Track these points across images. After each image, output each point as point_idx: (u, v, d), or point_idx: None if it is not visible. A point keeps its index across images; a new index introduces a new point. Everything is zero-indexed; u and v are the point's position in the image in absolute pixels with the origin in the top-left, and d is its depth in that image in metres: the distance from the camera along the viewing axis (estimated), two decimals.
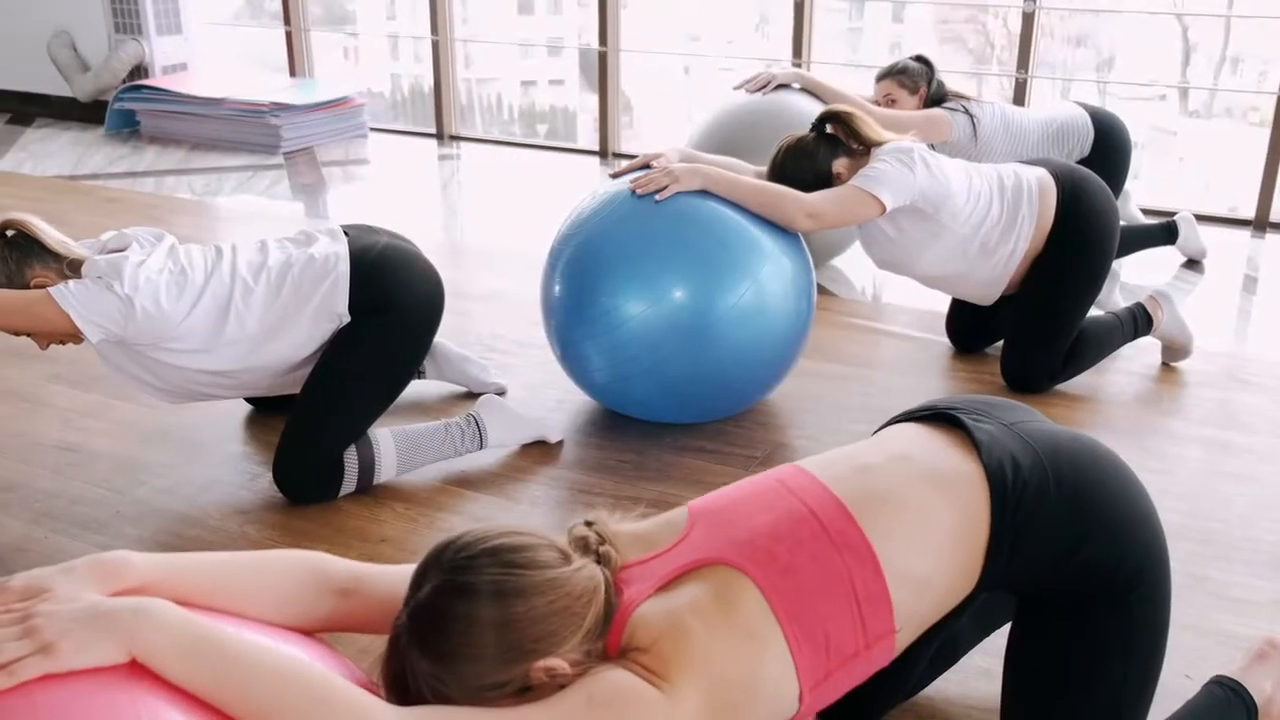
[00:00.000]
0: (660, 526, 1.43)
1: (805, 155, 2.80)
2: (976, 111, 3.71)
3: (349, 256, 2.44)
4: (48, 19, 6.51)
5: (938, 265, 2.91)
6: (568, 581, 1.24)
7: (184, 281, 2.33)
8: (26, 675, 1.01)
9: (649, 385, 2.65)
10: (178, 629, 1.09)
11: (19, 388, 3.05)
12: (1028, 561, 1.43)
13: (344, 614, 1.32)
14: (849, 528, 1.38)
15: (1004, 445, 1.48)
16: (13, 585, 1.13)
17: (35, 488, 2.54)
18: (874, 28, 8.86)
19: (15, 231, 2.32)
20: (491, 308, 3.63)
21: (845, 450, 1.54)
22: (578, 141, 6.41)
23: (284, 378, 2.50)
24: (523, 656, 1.20)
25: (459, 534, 1.28)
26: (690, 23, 8.54)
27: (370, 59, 8.09)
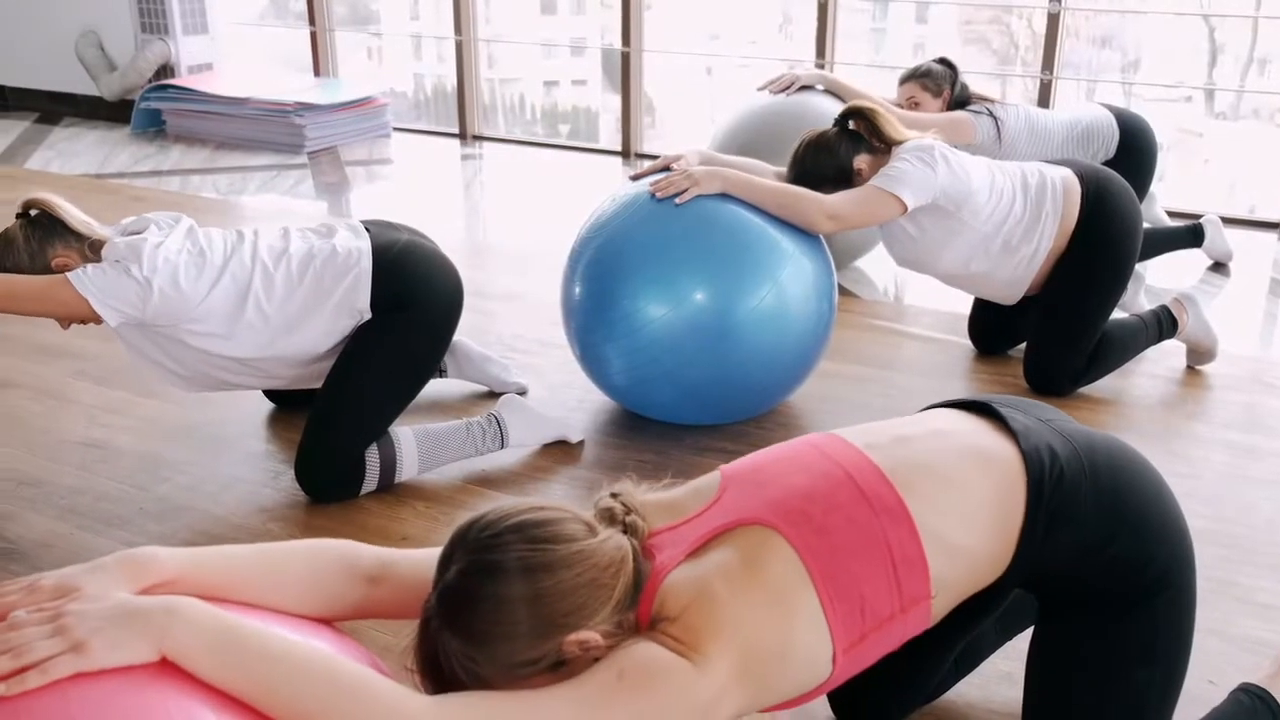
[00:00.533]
0: (690, 492, 1.42)
1: (826, 150, 2.79)
2: (1001, 114, 3.69)
3: (371, 253, 2.45)
4: (75, 19, 6.56)
5: (959, 263, 2.90)
6: (595, 553, 1.24)
7: (203, 263, 2.33)
8: (59, 674, 1.02)
9: (669, 388, 2.65)
10: (207, 627, 1.09)
11: (45, 384, 3.08)
12: (1059, 549, 1.42)
13: (374, 601, 1.32)
14: (885, 491, 1.36)
15: (1041, 436, 1.47)
16: (44, 584, 1.13)
17: (60, 484, 2.56)
18: (897, 28, 8.83)
19: (39, 211, 2.33)
20: (513, 307, 3.63)
21: (882, 423, 1.53)
22: (600, 142, 6.41)
23: (304, 370, 2.51)
24: (554, 631, 1.20)
25: (482, 513, 1.27)
26: (712, 23, 8.53)
27: (393, 59, 8.12)
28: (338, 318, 2.42)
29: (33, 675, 1.01)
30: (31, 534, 2.36)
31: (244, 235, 2.44)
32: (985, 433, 1.48)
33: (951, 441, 1.46)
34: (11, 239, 2.31)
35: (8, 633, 1.05)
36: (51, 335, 3.41)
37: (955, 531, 1.37)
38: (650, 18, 5.70)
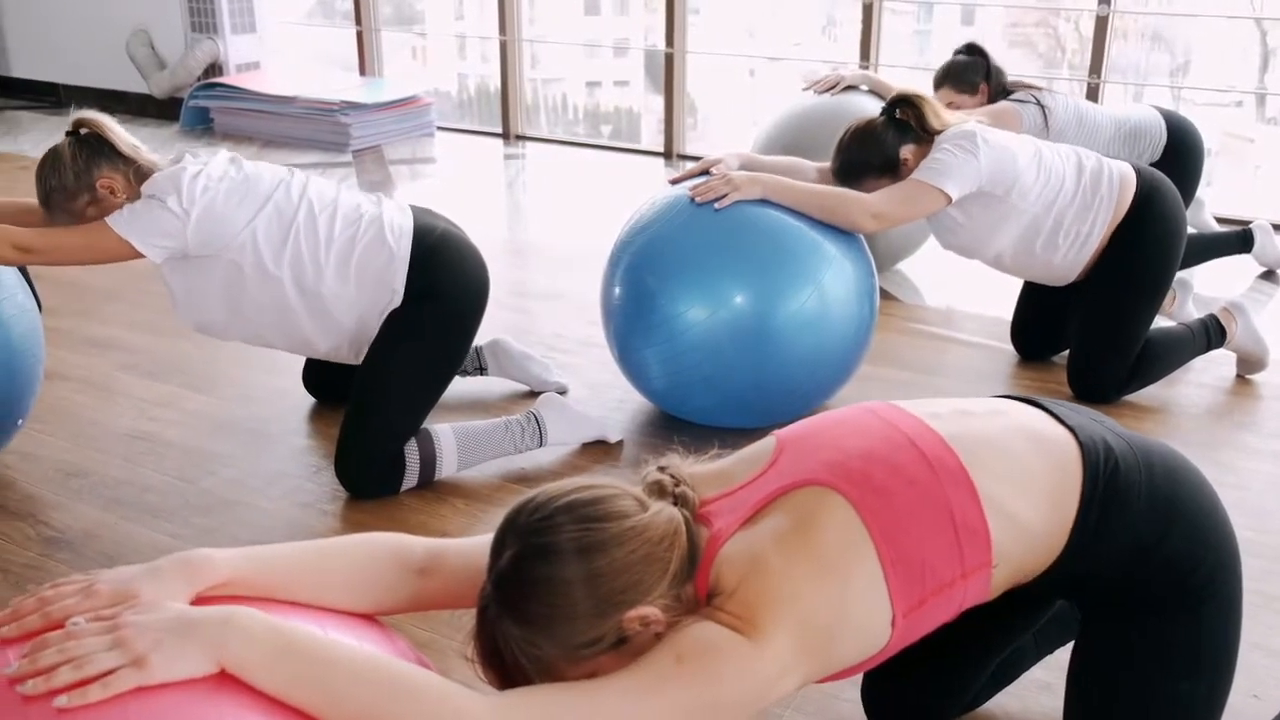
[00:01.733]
0: (742, 460, 1.41)
1: (873, 139, 2.76)
2: (1048, 102, 3.58)
3: (412, 233, 2.45)
4: (127, 18, 6.66)
5: (1011, 246, 2.86)
6: (647, 527, 1.23)
7: (246, 190, 2.33)
8: (120, 688, 1.01)
9: (709, 392, 2.65)
10: (264, 638, 1.09)
11: (94, 376, 3.13)
12: (1111, 541, 1.40)
13: (425, 593, 1.32)
14: (948, 456, 1.35)
15: (1096, 430, 1.46)
16: (100, 589, 1.13)
17: (107, 475, 2.60)
18: (943, 30, 8.77)
19: (88, 130, 2.35)
20: (554, 306, 3.65)
21: (942, 399, 1.51)
22: (641, 142, 6.42)
23: (331, 339, 2.49)
24: (613, 609, 1.19)
25: (531, 495, 1.26)
26: (756, 25, 8.52)
27: (438, 58, 8.17)
28: (370, 289, 2.41)
29: (94, 689, 1.01)
30: (79, 524, 2.40)
31: (294, 172, 2.44)
32: (1044, 419, 1.47)
33: (1011, 421, 1.44)
34: (59, 155, 2.32)
35: (67, 641, 1.05)
36: (100, 328, 3.47)
37: (1015, 503, 1.35)
38: (693, 19, 5.70)
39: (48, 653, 1.04)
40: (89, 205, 2.34)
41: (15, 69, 7.29)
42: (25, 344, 2.48)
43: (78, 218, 2.35)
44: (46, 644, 1.05)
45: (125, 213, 2.27)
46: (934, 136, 2.76)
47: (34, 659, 1.03)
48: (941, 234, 2.94)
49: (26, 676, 1.02)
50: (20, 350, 2.45)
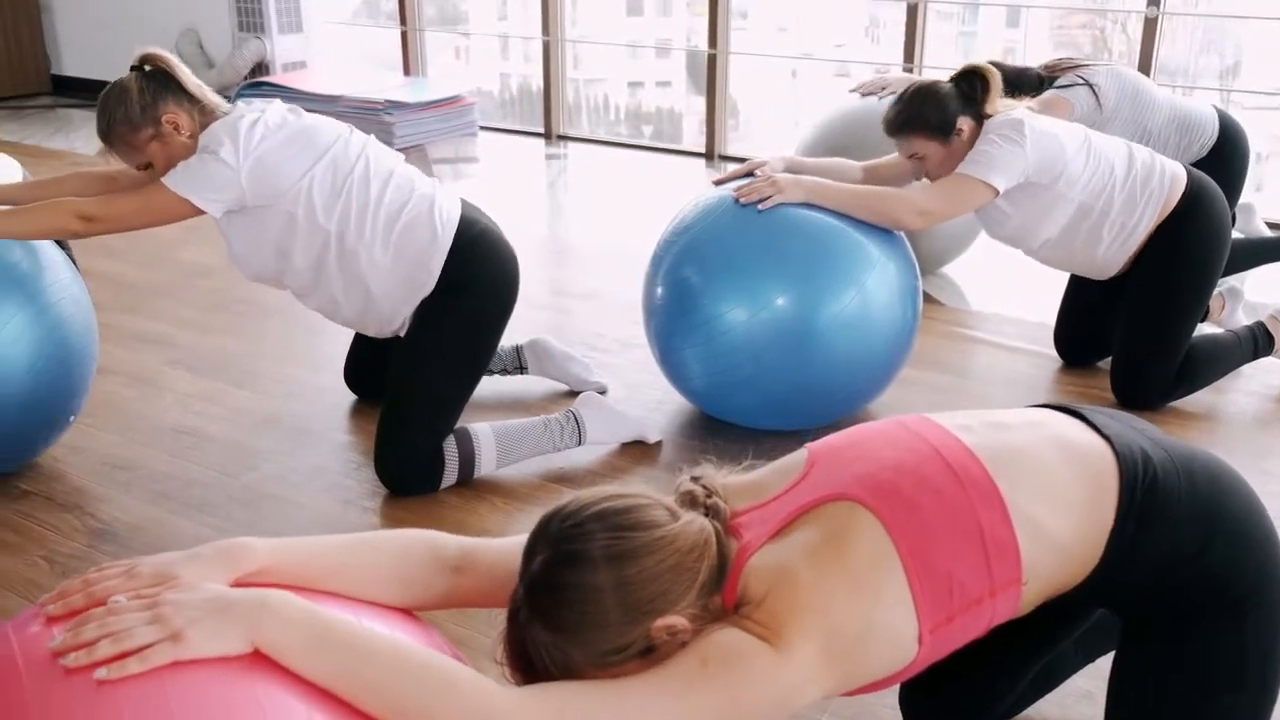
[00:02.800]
0: (774, 471, 1.41)
1: (936, 99, 2.70)
2: (1095, 79, 3.46)
3: (458, 220, 2.46)
4: (177, 18, 6.75)
5: (1056, 234, 2.82)
6: (678, 537, 1.23)
7: (305, 140, 2.34)
8: (157, 661, 1.05)
9: (750, 393, 2.64)
10: (299, 620, 1.11)
11: (141, 371, 3.17)
12: (1150, 552, 1.38)
13: (459, 590, 1.33)
14: (977, 470, 1.34)
15: (1135, 439, 1.44)
16: (142, 570, 1.16)
17: (153, 469, 2.63)
18: (988, 32, 8.69)
19: (154, 67, 2.36)
20: (594, 306, 3.66)
21: (975, 410, 1.51)
22: (683, 143, 6.42)
23: (357, 308, 2.50)
24: (641, 617, 1.20)
25: (564, 503, 1.27)
26: (798, 26, 8.49)
27: (480, 58, 8.21)
28: (406, 263, 2.42)
29: (132, 661, 1.04)
30: (125, 516, 2.43)
31: (354, 130, 2.45)
32: (1080, 429, 1.45)
33: (1046, 432, 1.43)
34: (126, 88, 2.33)
35: (109, 617, 1.08)
36: (148, 324, 3.51)
37: (1047, 518, 1.34)
38: (736, 20, 5.69)
39: (89, 627, 1.07)
40: (152, 139, 2.34)
41: (67, 68, 7.41)
42: (81, 342, 2.52)
43: (138, 152, 2.35)
44: (89, 620, 1.08)
45: (180, 170, 2.28)
46: (985, 120, 2.73)
47: (76, 633, 1.07)
48: (989, 224, 2.91)
49: (69, 650, 1.05)
50: (76, 349, 2.50)
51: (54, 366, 2.42)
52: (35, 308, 2.38)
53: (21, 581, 2.19)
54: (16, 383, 2.35)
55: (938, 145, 2.69)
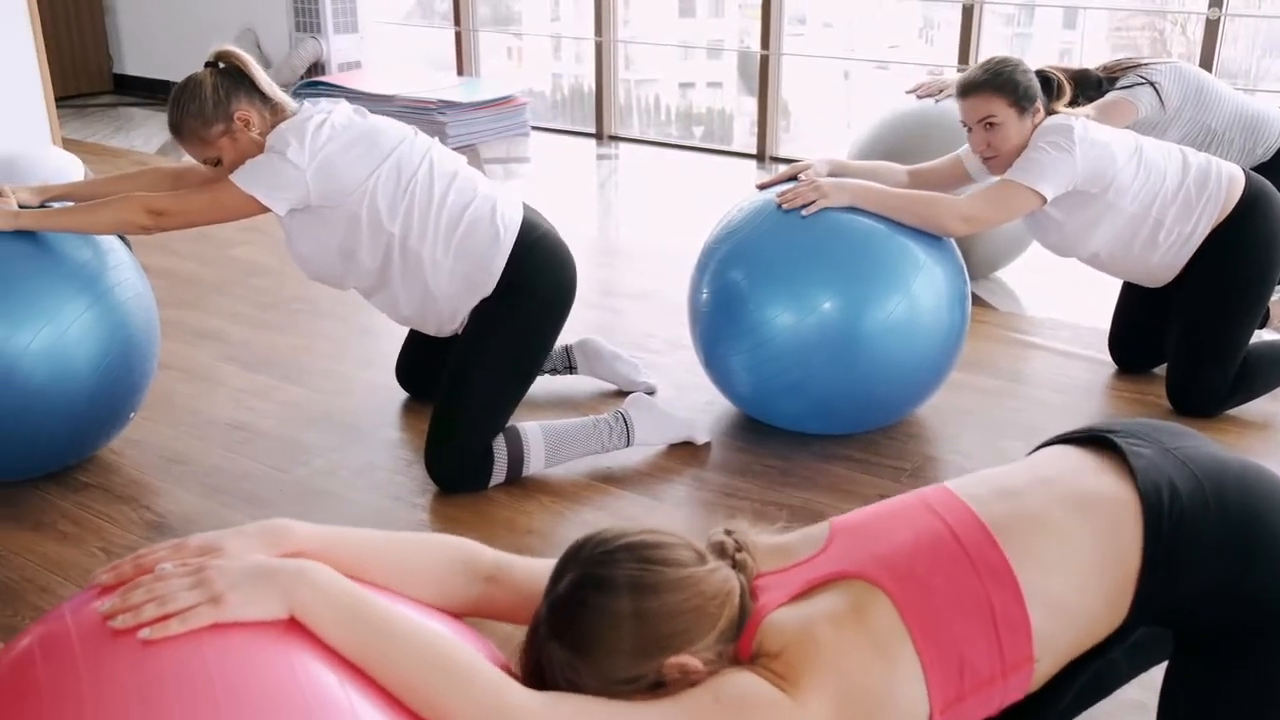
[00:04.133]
0: (799, 539, 1.43)
1: (1025, 71, 2.68)
2: (1157, 77, 3.39)
3: (520, 225, 2.48)
4: (235, 18, 6.85)
5: (1107, 243, 2.79)
6: (702, 581, 1.26)
7: (370, 144, 2.37)
8: (197, 623, 1.10)
9: (796, 398, 2.63)
10: (334, 592, 1.16)
11: (196, 367, 3.22)
12: (1184, 592, 1.37)
13: (488, 601, 1.36)
14: (990, 550, 1.35)
15: (1162, 470, 1.41)
16: (189, 544, 1.22)
17: (206, 463, 2.67)
18: (1044, 34, 8.59)
19: (228, 64, 2.39)
20: (644, 307, 3.66)
21: (991, 472, 1.51)
22: (733, 144, 6.40)
23: (416, 307, 2.53)
24: (656, 651, 1.22)
25: (599, 530, 1.30)
26: (851, 28, 8.44)
27: (532, 59, 8.24)
28: (467, 264, 2.44)
29: (174, 622, 1.09)
30: (179, 509, 2.47)
31: (418, 131, 2.48)
32: (1097, 473, 1.43)
33: (1059, 490, 1.41)
34: (200, 82, 2.36)
35: (155, 583, 1.13)
36: (204, 320, 3.57)
37: (1064, 592, 1.35)
38: (794, 26, 5.66)
39: (137, 592, 1.13)
40: (222, 135, 2.37)
41: (128, 67, 7.54)
42: (144, 339, 2.57)
43: (208, 146, 2.38)
44: (137, 586, 1.14)
45: (248, 168, 2.31)
46: (1048, 115, 2.70)
47: (125, 598, 1.13)
48: (1038, 232, 2.88)
49: (117, 612, 1.11)
50: (139, 345, 2.54)
51: (118, 363, 2.47)
52: (103, 306, 2.43)
53: (79, 571, 2.23)
54: (83, 379, 2.40)
55: (1014, 115, 2.66)
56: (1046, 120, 2.68)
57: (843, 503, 2.47)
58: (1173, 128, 3.42)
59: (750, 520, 1.44)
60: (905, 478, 2.58)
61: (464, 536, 2.27)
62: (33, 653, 1.10)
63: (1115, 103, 3.38)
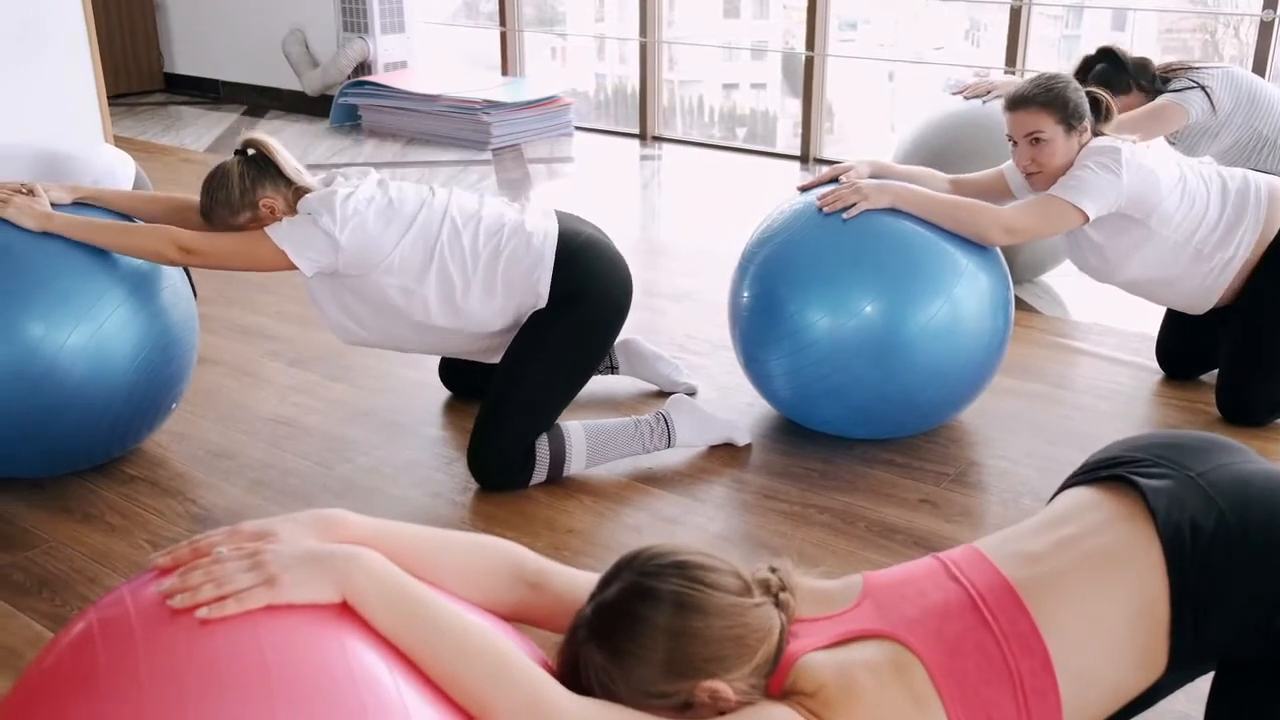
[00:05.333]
0: (835, 589, 1.44)
1: (1075, 88, 2.65)
2: (1210, 83, 3.34)
3: (557, 237, 2.49)
4: (284, 18, 6.92)
5: (1146, 270, 2.77)
6: (746, 613, 1.27)
7: (392, 214, 2.41)
8: (252, 604, 1.12)
9: (836, 403, 2.62)
10: (385, 579, 1.18)
11: (243, 363, 3.26)
12: (1220, 631, 1.36)
13: (528, 605, 1.37)
14: (1019, 616, 1.36)
15: (1183, 505, 1.40)
16: (244, 528, 1.25)
17: (252, 457, 2.70)
18: (1092, 35, 8.50)
19: (256, 151, 2.45)
20: (686, 307, 3.66)
21: (1016, 531, 1.51)
22: (777, 145, 6.39)
23: (477, 344, 2.57)
24: (690, 672, 1.23)
25: (653, 544, 1.32)
26: (897, 28, 8.39)
27: (576, 59, 8.26)
28: (517, 295, 2.47)
29: (230, 603, 1.12)
30: (224, 503, 2.50)
31: (436, 191, 2.51)
32: (1117, 524, 1.42)
33: (1082, 549, 1.41)
34: (228, 172, 2.43)
35: (213, 566, 1.16)
36: (250, 316, 3.61)
37: (1092, 658, 1.35)
38: (846, 31, 5.64)
39: (195, 574, 1.16)
40: (249, 222, 2.44)
41: (179, 66, 7.64)
42: (182, 331, 2.60)
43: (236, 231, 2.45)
44: (196, 567, 1.17)
45: (284, 224, 2.36)
46: (1094, 137, 2.68)
47: (183, 578, 1.16)
48: (1076, 254, 2.86)
49: (176, 592, 1.14)
50: (177, 337, 2.58)
51: (156, 356, 2.50)
52: (139, 299, 2.47)
53: (126, 563, 2.27)
54: (121, 373, 2.44)
55: (1061, 132, 2.63)
56: (1094, 141, 2.66)
57: (884, 506, 2.46)
58: (1224, 133, 3.38)
59: (795, 561, 1.45)
60: (948, 482, 2.56)
61: (503, 534, 2.28)
62: (92, 631, 1.13)
63: (1165, 106, 3.34)
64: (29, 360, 2.34)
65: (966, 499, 2.50)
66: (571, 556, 2.27)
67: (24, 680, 1.16)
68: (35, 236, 2.39)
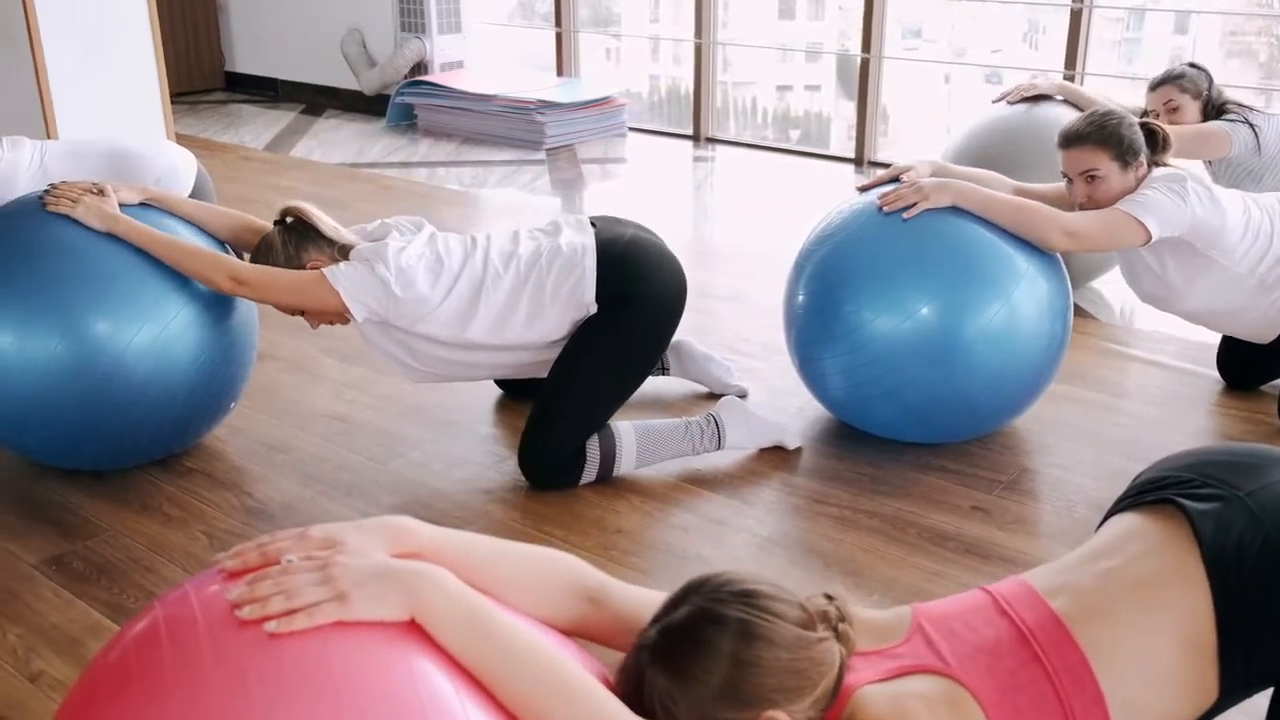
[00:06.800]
0: (885, 621, 1.44)
1: (1130, 124, 2.64)
2: (1259, 121, 3.40)
3: (596, 248, 2.51)
4: (343, 19, 7.00)
5: (1207, 301, 2.73)
6: (811, 646, 1.27)
7: (440, 268, 2.45)
8: (322, 619, 1.11)
9: (890, 405, 2.61)
10: (455, 598, 1.17)
11: (298, 358, 3.30)
12: (1272, 655, 1.34)
13: (587, 620, 1.37)
14: (1070, 650, 1.35)
15: (1229, 528, 1.38)
16: (312, 534, 1.23)
17: (306, 451, 2.74)
18: (1153, 39, 8.37)
19: (294, 218, 2.50)
20: (737, 309, 3.65)
21: (1063, 563, 1.50)
22: (830, 148, 6.35)
23: (531, 362, 2.60)
24: (753, 700, 1.23)
25: (724, 571, 1.32)
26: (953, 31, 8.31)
27: (630, 60, 8.28)
28: (564, 312, 2.49)
29: (300, 617, 1.11)
30: (278, 496, 2.54)
31: (477, 241, 2.55)
32: (1163, 552, 1.41)
33: (1127, 580, 1.40)
34: (271, 243, 2.48)
35: (283, 576, 1.15)
36: None
37: (1141, 691, 1.34)
38: (910, 40, 5.60)
39: (265, 584, 1.15)
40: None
41: (239, 65, 7.76)
42: (243, 332, 2.65)
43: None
44: (265, 577, 1.16)
45: (342, 268, 2.40)
46: (1152, 169, 2.64)
47: (253, 588, 1.14)
48: (1136, 281, 2.83)
49: (245, 602, 1.13)
50: (238, 339, 2.62)
51: (216, 358, 2.55)
52: (204, 301, 2.51)
53: (183, 555, 2.31)
54: (182, 374, 2.48)
55: (1117, 169, 2.61)
56: (1160, 170, 2.63)
57: (935, 513, 2.44)
58: (1266, 176, 3.37)
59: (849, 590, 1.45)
60: (1001, 489, 2.54)
61: (552, 533, 2.30)
62: (159, 631, 1.13)
63: (1214, 131, 3.41)
64: (95, 357, 2.39)
65: (1020, 507, 2.48)
66: (620, 556, 2.28)
67: (90, 672, 1.17)
68: (106, 237, 2.44)
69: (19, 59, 4.58)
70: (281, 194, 4.95)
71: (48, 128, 4.59)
